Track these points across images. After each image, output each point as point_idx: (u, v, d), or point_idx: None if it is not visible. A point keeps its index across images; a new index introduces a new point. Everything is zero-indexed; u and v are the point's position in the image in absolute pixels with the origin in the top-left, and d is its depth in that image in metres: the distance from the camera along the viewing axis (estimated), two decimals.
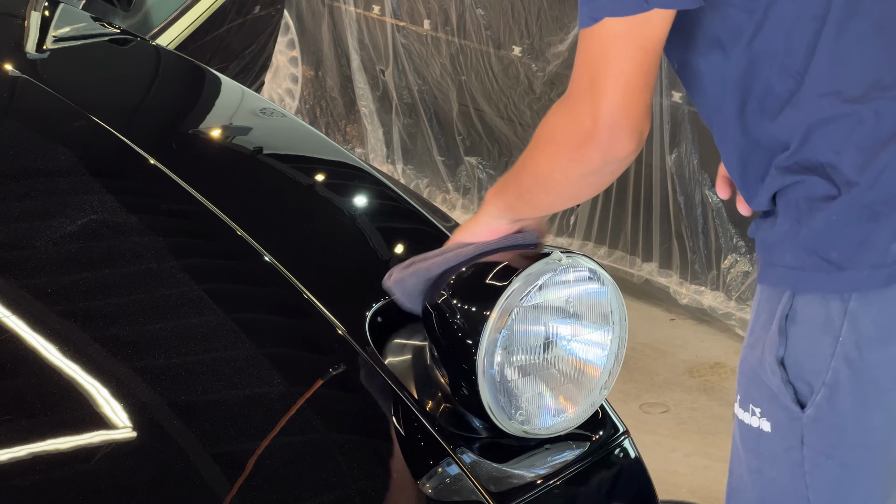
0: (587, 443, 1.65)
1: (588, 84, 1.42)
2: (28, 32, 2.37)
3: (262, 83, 3.57)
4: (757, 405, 1.56)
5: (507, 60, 4.24)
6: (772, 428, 1.55)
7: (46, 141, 2.01)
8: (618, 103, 1.41)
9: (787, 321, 1.51)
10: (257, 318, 1.71)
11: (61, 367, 1.50)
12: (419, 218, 1.95)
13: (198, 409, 1.52)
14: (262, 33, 3.47)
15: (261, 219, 1.86)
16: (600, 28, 1.40)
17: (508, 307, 1.55)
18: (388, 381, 1.61)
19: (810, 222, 1.47)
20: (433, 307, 1.63)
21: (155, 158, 1.93)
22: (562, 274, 1.60)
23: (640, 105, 1.42)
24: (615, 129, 1.42)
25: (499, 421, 1.58)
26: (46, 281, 1.65)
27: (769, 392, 1.54)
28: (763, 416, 1.56)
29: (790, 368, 1.52)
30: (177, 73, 2.49)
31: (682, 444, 3.16)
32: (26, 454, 1.40)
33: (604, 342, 1.64)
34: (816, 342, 1.51)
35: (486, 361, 1.56)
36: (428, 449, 1.55)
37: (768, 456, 1.57)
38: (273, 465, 1.47)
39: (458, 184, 4.55)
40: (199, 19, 3.03)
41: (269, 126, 2.24)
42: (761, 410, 1.56)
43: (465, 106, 4.46)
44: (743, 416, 1.58)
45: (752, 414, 1.57)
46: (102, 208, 1.82)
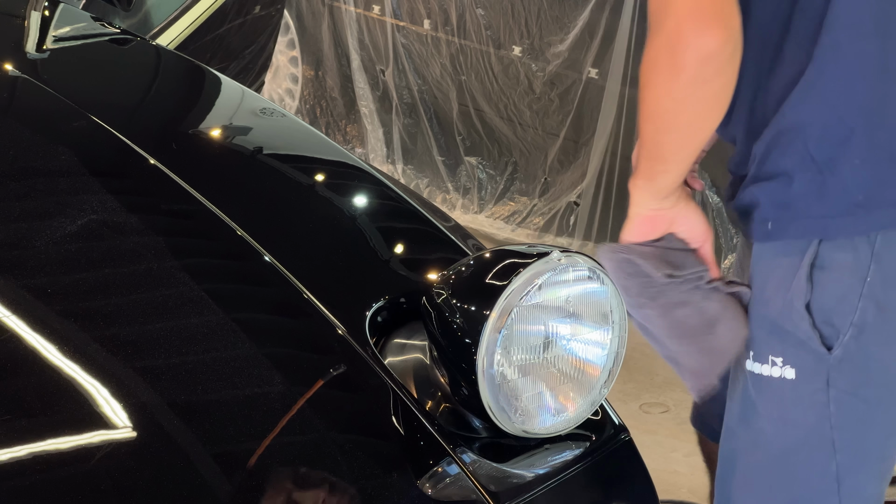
0: (587, 443, 1.66)
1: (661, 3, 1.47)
2: (28, 32, 2.37)
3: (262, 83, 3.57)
4: (778, 355, 1.64)
5: (507, 60, 4.24)
6: (796, 374, 1.63)
7: (46, 141, 2.01)
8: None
9: (813, 269, 1.60)
10: (257, 318, 1.71)
11: (61, 367, 1.50)
12: (419, 218, 1.95)
13: (198, 409, 1.52)
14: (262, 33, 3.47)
15: (261, 219, 1.86)
16: None
17: (508, 307, 1.56)
18: (388, 381, 1.61)
19: (835, 170, 1.55)
20: (433, 307, 1.63)
21: (155, 158, 1.93)
22: (561, 273, 1.60)
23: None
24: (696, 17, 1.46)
25: (499, 421, 1.58)
26: (46, 281, 1.65)
27: (795, 339, 1.62)
28: (786, 364, 1.63)
29: (817, 314, 1.60)
30: (177, 73, 2.49)
31: (682, 444, 3.16)
32: (26, 454, 1.40)
33: (603, 342, 1.64)
34: (844, 285, 1.59)
35: (486, 361, 1.56)
36: (428, 449, 1.55)
37: (792, 402, 1.64)
38: (273, 465, 1.47)
39: (458, 184, 4.56)
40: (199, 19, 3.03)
41: (269, 126, 2.24)
42: (783, 359, 1.63)
43: (465, 106, 4.46)
44: (760, 369, 1.65)
45: (773, 365, 1.64)
46: (102, 208, 1.82)
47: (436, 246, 1.91)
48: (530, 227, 4.33)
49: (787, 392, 1.65)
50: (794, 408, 1.65)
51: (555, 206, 4.24)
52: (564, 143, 4.19)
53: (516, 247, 1.66)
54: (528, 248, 1.64)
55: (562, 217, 4.20)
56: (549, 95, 4.18)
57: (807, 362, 1.63)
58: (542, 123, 4.25)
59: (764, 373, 1.66)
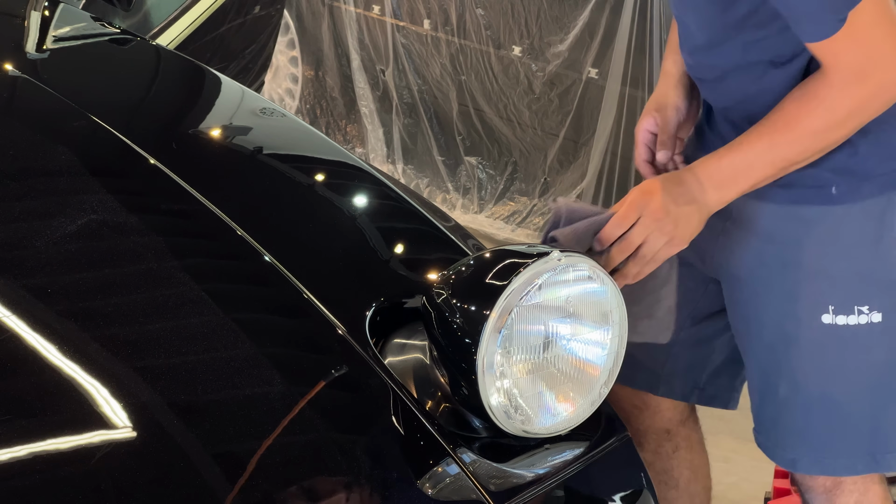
0: (587, 443, 1.65)
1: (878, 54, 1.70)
2: (28, 32, 2.37)
3: (262, 83, 3.57)
4: (864, 304, 1.86)
5: (507, 60, 4.24)
6: (883, 316, 1.86)
7: (46, 141, 2.01)
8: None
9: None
10: (257, 318, 1.71)
11: (61, 367, 1.50)
12: (419, 218, 1.95)
13: (198, 409, 1.52)
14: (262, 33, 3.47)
15: (261, 219, 1.86)
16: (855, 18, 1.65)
17: (508, 307, 1.55)
18: (388, 381, 1.61)
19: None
20: (433, 307, 1.63)
21: (155, 158, 1.93)
22: (561, 273, 1.60)
23: None
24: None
25: (499, 421, 1.58)
26: (46, 281, 1.65)
27: (883, 285, 1.86)
28: (872, 309, 1.86)
29: None
30: (177, 73, 2.49)
31: None
32: (26, 454, 1.40)
33: (603, 341, 1.64)
34: None
35: (486, 361, 1.56)
36: (428, 449, 1.55)
37: (880, 344, 1.88)
38: (273, 465, 1.47)
39: (458, 183, 4.56)
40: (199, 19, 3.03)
41: (269, 126, 2.24)
42: (870, 306, 1.86)
43: (465, 106, 4.46)
44: (846, 320, 1.86)
45: (859, 314, 1.86)
46: (102, 208, 1.82)
47: (436, 246, 1.91)
48: (530, 227, 4.33)
49: (875, 335, 1.87)
50: (883, 347, 1.88)
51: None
52: (564, 143, 4.19)
53: (516, 247, 1.66)
54: (527, 248, 1.64)
55: None
56: (548, 95, 4.18)
57: (892, 302, 1.86)
58: (541, 123, 4.25)
59: (850, 322, 1.86)
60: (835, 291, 1.87)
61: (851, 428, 1.94)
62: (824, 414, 1.93)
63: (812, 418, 1.94)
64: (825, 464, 1.97)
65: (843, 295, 1.86)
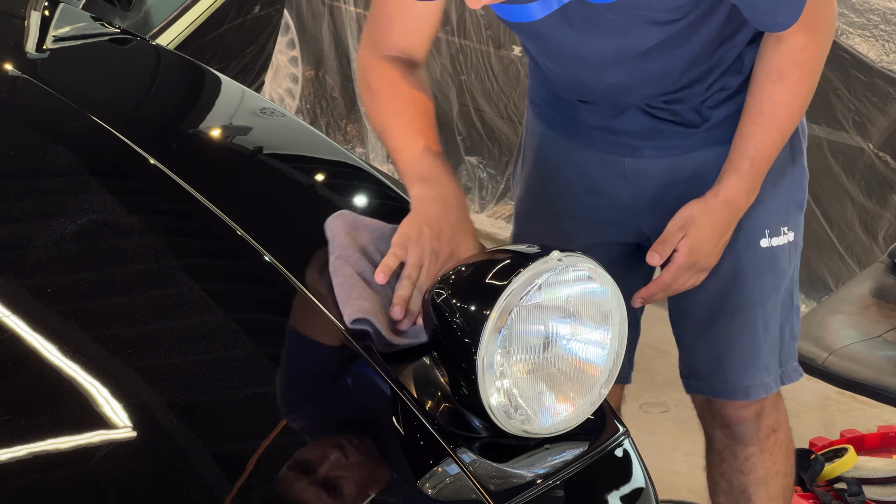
0: (587, 443, 1.65)
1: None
2: (28, 32, 2.37)
3: (262, 83, 3.57)
4: (785, 224, 2.05)
5: (507, 60, 4.25)
6: (794, 235, 2.07)
7: (46, 141, 2.01)
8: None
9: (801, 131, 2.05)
10: (257, 318, 1.71)
11: (61, 367, 1.50)
12: None
13: (198, 409, 1.52)
14: (262, 33, 3.47)
15: (261, 219, 1.86)
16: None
17: (508, 307, 1.55)
18: (388, 381, 1.61)
19: None
20: (433, 307, 1.63)
21: (155, 158, 1.93)
22: (561, 273, 1.60)
23: None
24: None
25: (499, 421, 1.58)
26: (46, 281, 1.65)
27: (795, 206, 2.06)
28: (791, 229, 2.06)
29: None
30: (177, 73, 2.49)
31: (682, 443, 3.16)
32: (26, 454, 1.40)
33: (603, 341, 1.64)
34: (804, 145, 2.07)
35: (486, 361, 1.55)
36: (428, 449, 1.55)
37: (792, 259, 2.08)
38: (273, 465, 1.47)
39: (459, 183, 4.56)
40: (199, 19, 3.03)
41: (269, 126, 2.24)
42: (788, 226, 2.05)
43: (466, 105, 4.46)
44: (777, 241, 2.05)
45: (783, 234, 2.05)
46: (102, 208, 1.82)
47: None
48: None
49: (791, 251, 2.08)
50: (791, 262, 2.09)
51: None
52: None
53: (516, 247, 1.66)
54: (527, 248, 1.64)
55: None
56: None
57: (799, 220, 2.08)
58: None
59: (779, 243, 2.04)
60: (768, 216, 2.03)
61: (773, 340, 2.12)
62: (764, 334, 2.10)
63: (756, 341, 2.09)
64: (766, 383, 2.12)
65: (773, 218, 2.03)
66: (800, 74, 1.87)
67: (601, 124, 2.05)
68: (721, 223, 1.94)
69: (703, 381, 2.14)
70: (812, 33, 1.83)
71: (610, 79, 1.96)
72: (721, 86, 1.96)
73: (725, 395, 2.13)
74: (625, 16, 1.80)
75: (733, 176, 1.92)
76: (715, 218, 1.93)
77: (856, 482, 2.79)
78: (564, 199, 2.15)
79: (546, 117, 2.15)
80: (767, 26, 1.85)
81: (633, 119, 2.01)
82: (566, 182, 2.14)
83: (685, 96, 1.97)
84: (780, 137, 1.92)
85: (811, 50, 1.85)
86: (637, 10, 1.80)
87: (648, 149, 2.03)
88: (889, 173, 3.58)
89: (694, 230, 1.93)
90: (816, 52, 1.86)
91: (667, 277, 1.97)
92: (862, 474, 2.81)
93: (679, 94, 1.97)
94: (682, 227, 1.94)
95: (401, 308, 1.68)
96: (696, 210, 1.93)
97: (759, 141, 1.90)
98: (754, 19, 1.84)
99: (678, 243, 1.94)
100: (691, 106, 1.98)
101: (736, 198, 1.93)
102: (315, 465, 1.51)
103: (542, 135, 2.16)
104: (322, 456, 1.52)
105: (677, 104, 1.98)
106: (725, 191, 1.93)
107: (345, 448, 1.55)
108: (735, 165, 1.92)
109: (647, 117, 2.01)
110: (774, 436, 2.20)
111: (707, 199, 1.94)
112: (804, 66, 1.86)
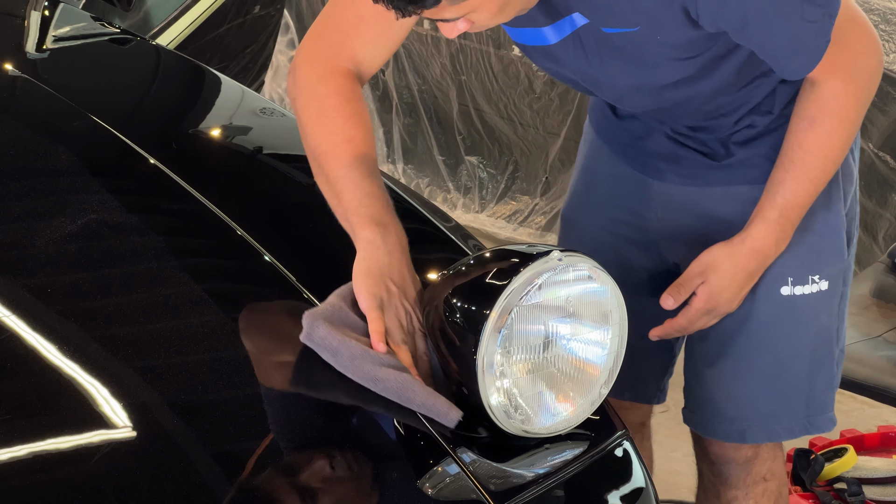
0: (587, 443, 1.65)
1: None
2: (28, 32, 2.37)
3: (262, 83, 3.57)
4: (816, 273, 1.94)
5: (507, 60, 4.24)
6: (829, 285, 1.95)
7: (46, 141, 2.01)
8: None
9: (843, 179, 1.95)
10: (257, 319, 1.71)
11: (61, 367, 1.50)
12: (419, 218, 1.95)
13: (198, 409, 1.52)
14: (262, 33, 3.47)
15: (261, 219, 1.86)
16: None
17: (508, 306, 1.55)
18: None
19: None
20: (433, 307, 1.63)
21: (155, 158, 1.93)
22: (561, 273, 1.60)
23: None
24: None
25: (499, 420, 1.58)
26: (46, 281, 1.65)
27: (832, 251, 1.96)
28: (822, 278, 1.95)
29: (846, 223, 1.97)
30: (177, 73, 2.49)
31: (682, 443, 3.15)
32: (26, 454, 1.40)
33: (603, 341, 1.64)
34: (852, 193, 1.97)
35: (486, 361, 1.55)
36: (428, 449, 1.55)
37: (825, 309, 1.98)
38: (272, 465, 1.47)
39: (459, 183, 4.55)
40: (199, 19, 3.03)
41: (269, 126, 2.24)
42: (820, 274, 1.94)
43: (466, 105, 4.46)
44: (802, 290, 1.94)
45: (812, 283, 1.94)
46: (102, 208, 1.82)
47: (436, 246, 1.91)
48: (532, 227, 4.33)
49: (822, 301, 1.96)
50: (823, 312, 1.97)
51: (556, 205, 4.24)
52: (565, 142, 4.19)
53: (516, 246, 1.66)
54: (527, 248, 1.64)
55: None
56: (549, 95, 4.18)
57: (836, 270, 1.97)
58: (542, 123, 4.25)
59: (805, 292, 1.93)
60: (793, 264, 1.92)
61: (793, 390, 2.00)
62: (774, 380, 1.99)
63: (764, 387, 1.99)
64: (771, 430, 2.02)
65: (799, 266, 1.93)
66: (832, 123, 1.79)
67: (633, 141, 2.01)
68: (744, 271, 1.87)
69: (696, 414, 2.06)
70: (847, 82, 1.77)
71: (630, 104, 1.92)
72: (749, 123, 1.90)
73: (717, 435, 2.05)
74: (640, 47, 1.75)
75: (761, 224, 1.85)
76: (738, 266, 1.86)
77: (856, 482, 2.79)
78: (601, 211, 2.09)
79: (596, 123, 2.11)
80: (783, 71, 1.78)
81: (658, 141, 1.97)
82: (605, 193, 2.08)
83: (713, 126, 1.91)
84: (813, 187, 1.84)
85: (845, 99, 1.78)
86: (652, 45, 1.74)
87: (671, 174, 1.97)
88: (889, 173, 3.58)
89: (714, 277, 1.87)
90: (852, 102, 1.79)
91: (682, 321, 1.91)
92: (862, 474, 2.81)
93: (707, 123, 1.91)
94: (703, 272, 1.88)
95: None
96: (720, 255, 1.87)
97: (789, 189, 1.83)
98: (770, 62, 1.76)
99: (697, 287, 1.88)
100: (718, 137, 1.92)
101: (763, 247, 1.86)
102: (315, 465, 1.51)
103: (592, 141, 2.12)
104: (322, 456, 1.52)
105: (703, 133, 1.92)
106: (753, 239, 1.86)
107: (345, 448, 1.55)
108: (764, 213, 1.85)
109: (670, 142, 1.96)
110: (764, 485, 2.09)
111: (733, 244, 1.87)
112: (837, 115, 1.79)
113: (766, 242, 1.86)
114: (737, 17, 1.66)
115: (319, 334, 1.58)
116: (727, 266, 1.86)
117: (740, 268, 1.87)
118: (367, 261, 1.65)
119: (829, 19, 1.68)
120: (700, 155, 1.94)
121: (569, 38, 1.78)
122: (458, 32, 1.55)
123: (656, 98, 1.86)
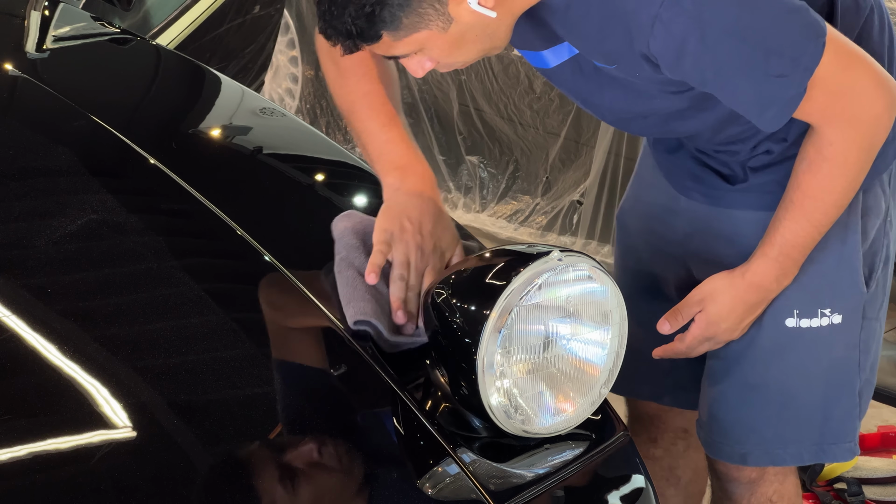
0: (587, 442, 1.65)
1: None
2: (28, 32, 2.37)
3: (262, 83, 3.57)
4: (826, 307, 1.88)
5: (507, 60, 4.24)
6: (843, 318, 1.89)
7: (46, 141, 2.01)
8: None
9: (862, 217, 1.88)
10: (257, 318, 1.71)
11: (61, 367, 1.50)
12: None
13: (198, 409, 1.52)
14: (262, 33, 3.47)
15: (261, 219, 1.86)
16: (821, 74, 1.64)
17: (508, 306, 1.55)
18: (388, 381, 1.61)
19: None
20: (433, 307, 1.63)
21: (155, 158, 1.93)
22: (561, 273, 1.60)
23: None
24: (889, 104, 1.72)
25: (499, 420, 1.58)
26: (46, 281, 1.65)
27: (847, 286, 1.89)
28: (834, 312, 1.89)
29: (866, 257, 1.90)
30: (177, 72, 2.49)
31: None
32: (26, 454, 1.40)
33: (603, 341, 1.64)
34: (876, 227, 1.91)
35: (486, 361, 1.55)
36: (428, 448, 1.55)
37: (839, 342, 1.91)
38: (273, 465, 1.47)
39: (460, 183, 4.55)
40: (199, 19, 3.03)
41: (269, 126, 2.24)
42: (832, 308, 1.88)
43: (466, 105, 4.46)
44: (809, 323, 1.88)
45: (822, 316, 1.89)
46: (102, 208, 1.82)
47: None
48: (533, 226, 4.33)
49: (836, 335, 1.90)
50: (837, 346, 1.92)
51: (557, 204, 4.24)
52: (565, 142, 4.19)
53: (516, 246, 1.66)
54: (527, 248, 1.64)
55: (565, 216, 4.19)
56: (549, 95, 4.18)
57: (853, 304, 1.90)
58: (542, 123, 4.25)
59: (813, 325, 1.89)
60: (800, 296, 1.87)
61: (804, 419, 1.96)
62: (780, 408, 1.95)
63: (768, 414, 1.95)
64: (775, 454, 1.99)
65: (807, 299, 1.88)
66: (829, 168, 1.74)
67: (666, 156, 2.00)
68: (744, 304, 1.85)
69: (703, 430, 2.03)
70: (845, 129, 1.71)
71: (637, 131, 1.91)
72: (766, 149, 1.86)
73: (720, 456, 2.02)
74: (630, 79, 1.74)
75: (761, 260, 1.82)
76: (737, 298, 1.84)
77: (856, 482, 2.79)
78: (643, 220, 2.09)
79: None
80: (757, 123, 1.74)
81: (685, 158, 1.96)
82: (647, 201, 2.08)
83: (733, 149, 1.89)
84: (813, 228, 1.79)
85: (842, 145, 1.72)
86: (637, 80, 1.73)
87: (696, 192, 1.95)
88: None
89: (712, 307, 1.85)
90: (851, 148, 1.73)
91: (681, 347, 1.90)
92: (862, 474, 2.81)
93: (727, 147, 1.89)
94: (701, 300, 1.86)
95: (402, 312, 1.67)
96: (720, 285, 1.85)
97: (788, 229, 1.79)
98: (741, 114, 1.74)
99: (696, 315, 1.87)
100: (739, 160, 1.89)
101: (764, 282, 1.83)
102: (315, 465, 1.51)
103: (645, 147, 2.11)
104: (322, 456, 1.52)
105: (726, 155, 1.90)
106: (753, 274, 1.83)
107: (345, 448, 1.55)
108: (764, 249, 1.82)
109: (695, 160, 1.94)
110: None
111: (734, 276, 1.84)
112: (834, 161, 1.73)
113: (766, 278, 1.83)
114: (694, 75, 1.64)
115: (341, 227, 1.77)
116: (726, 297, 1.84)
117: (739, 300, 1.85)
118: (387, 201, 1.78)
119: (805, 72, 1.63)
120: (720, 176, 1.92)
121: (567, 63, 1.78)
122: (423, 71, 1.64)
123: (662, 127, 1.86)
